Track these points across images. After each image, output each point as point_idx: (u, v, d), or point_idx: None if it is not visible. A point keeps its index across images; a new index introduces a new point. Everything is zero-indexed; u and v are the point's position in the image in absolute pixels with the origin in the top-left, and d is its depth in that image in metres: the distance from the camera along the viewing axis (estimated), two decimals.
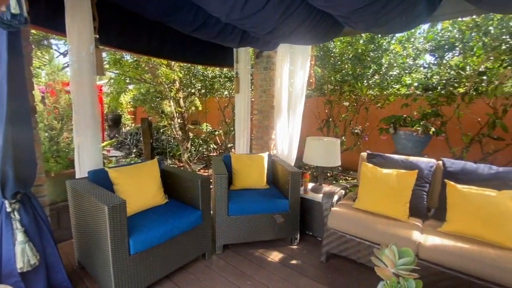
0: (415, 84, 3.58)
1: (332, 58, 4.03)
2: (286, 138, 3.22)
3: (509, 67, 2.91)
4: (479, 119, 3.25)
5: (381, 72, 3.68)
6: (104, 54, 4.85)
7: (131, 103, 7.84)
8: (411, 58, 3.57)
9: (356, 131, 4.29)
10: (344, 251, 2.06)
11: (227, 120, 5.92)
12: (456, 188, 1.86)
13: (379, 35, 3.48)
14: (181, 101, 5.20)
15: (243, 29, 2.33)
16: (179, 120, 5.32)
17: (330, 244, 2.13)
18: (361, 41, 3.66)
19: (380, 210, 2.05)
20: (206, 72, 5.43)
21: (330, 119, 4.42)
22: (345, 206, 2.21)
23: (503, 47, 2.80)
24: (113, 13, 2.21)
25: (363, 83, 3.80)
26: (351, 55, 3.77)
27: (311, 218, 2.64)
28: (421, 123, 3.28)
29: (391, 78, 3.68)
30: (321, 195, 2.46)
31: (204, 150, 6.11)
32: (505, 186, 1.78)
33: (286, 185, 2.40)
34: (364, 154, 2.49)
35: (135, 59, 4.73)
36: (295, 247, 2.45)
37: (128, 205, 1.82)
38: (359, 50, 3.72)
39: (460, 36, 3.08)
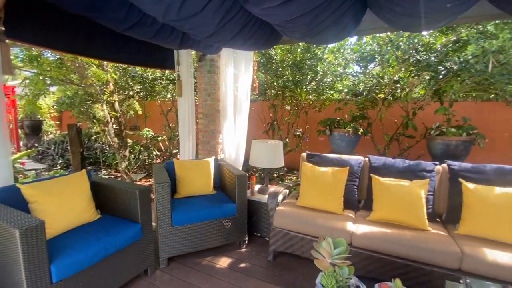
0: (345, 90, 4.01)
1: (274, 64, 4.22)
2: (233, 142, 3.23)
3: (416, 77, 3.49)
4: (396, 120, 3.81)
5: (317, 79, 4.00)
6: (16, 50, 4.12)
7: (54, 107, 6.82)
8: (342, 67, 3.98)
9: (297, 133, 4.57)
10: (289, 248, 2.16)
11: (171, 124, 5.64)
12: (379, 181, 2.13)
13: (314, 45, 3.79)
14: (117, 104, 4.74)
15: (182, 31, 2.26)
16: (114, 125, 4.83)
17: (276, 242, 2.21)
18: (299, 50, 3.93)
19: (319, 206, 2.21)
20: (145, 74, 5.09)
21: (275, 122, 4.61)
22: (289, 204, 2.32)
23: (411, 60, 3.35)
24: (29, 3, 1.89)
25: (302, 88, 4.08)
26: (290, 62, 4.01)
27: (258, 219, 2.69)
28: (352, 125, 3.69)
29: (326, 84, 4.03)
30: (267, 196, 2.53)
31: (146, 157, 5.69)
32: (415, 177, 2.12)
33: (233, 189, 2.40)
34: (304, 154, 2.67)
35: (58, 57, 4.13)
36: (243, 250, 2.46)
37: (49, 225, 1.57)
38: (298, 58, 3.98)
39: (379, 49, 3.57)
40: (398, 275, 1.76)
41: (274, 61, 4.20)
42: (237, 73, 3.18)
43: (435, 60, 3.20)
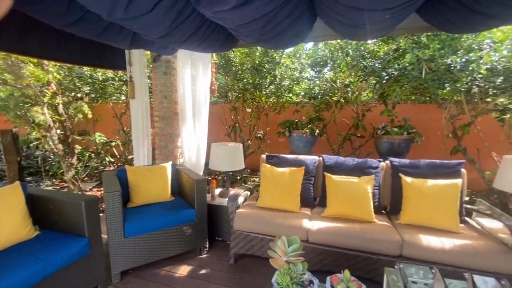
0: (302, 93, 4.20)
1: (233, 67, 4.23)
2: (193, 145, 3.15)
3: (364, 81, 3.80)
4: (348, 121, 4.10)
5: (275, 82, 4.12)
6: None
7: None
8: (298, 71, 4.16)
9: (259, 135, 4.64)
10: (250, 250, 2.18)
11: (125, 128, 5.29)
12: (331, 178, 2.27)
13: (271, 49, 3.89)
14: (61, 107, 4.30)
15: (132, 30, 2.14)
16: (58, 130, 4.38)
17: (237, 245, 2.21)
18: (257, 53, 4.00)
19: (278, 205, 2.28)
20: (95, 74, 4.70)
21: (236, 125, 4.63)
22: (249, 206, 2.34)
23: (359, 65, 3.63)
24: None
25: (262, 91, 4.16)
26: (249, 65, 4.06)
27: (220, 224, 2.66)
28: (309, 126, 3.87)
29: (284, 88, 4.17)
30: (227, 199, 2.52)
31: (98, 164, 5.26)
32: (363, 173, 2.30)
33: (192, 194, 2.34)
34: (263, 156, 2.72)
35: None
36: (204, 256, 2.41)
37: None
38: (256, 62, 4.05)
39: (331, 55, 3.80)
40: (350, 266, 1.89)
41: (233, 63, 4.21)
42: (195, 75, 3.12)
43: (379, 66, 3.52)
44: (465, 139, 3.55)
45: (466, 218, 2.13)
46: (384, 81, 3.59)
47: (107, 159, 5.42)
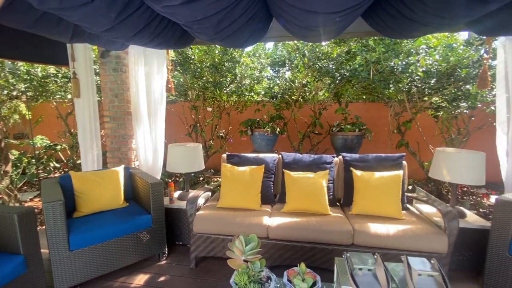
0: (263, 92, 4.25)
1: (192, 65, 4.11)
2: (150, 147, 2.99)
3: (320, 81, 3.99)
4: (306, 120, 4.27)
5: (236, 81, 4.10)
6: None
7: None
8: (258, 70, 4.20)
9: (221, 134, 4.59)
10: (211, 252, 2.14)
11: (72, 130, 4.81)
12: (290, 175, 2.34)
13: (230, 48, 3.87)
14: None
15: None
16: None
17: (198, 248, 2.16)
18: (216, 52, 3.94)
19: (239, 205, 2.28)
20: (34, 70, 4.17)
21: (197, 124, 4.51)
22: (210, 207, 2.30)
23: (315, 66, 3.80)
24: None
25: (222, 90, 4.12)
26: (209, 63, 3.98)
27: (180, 227, 2.57)
28: (270, 125, 3.94)
29: (245, 87, 4.18)
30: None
31: (40, 171, 4.70)
32: (319, 169, 2.42)
33: (147, 199, 2.22)
34: (224, 155, 2.69)
35: None
36: (163, 262, 2.30)
37: None
38: (216, 60, 3.99)
39: (288, 56, 3.91)
40: (308, 258, 1.98)
41: (192, 61, 4.09)
42: (150, 72, 2.96)
43: (333, 67, 3.73)
44: (408, 134, 3.94)
45: (408, 205, 2.37)
46: (338, 81, 3.82)
47: (51, 164, 4.86)
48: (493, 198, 3.67)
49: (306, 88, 4.11)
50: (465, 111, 3.55)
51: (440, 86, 3.48)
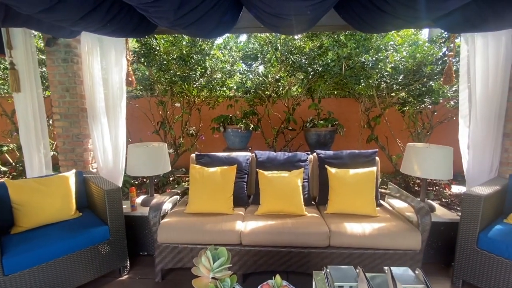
0: (235, 87, 4.07)
1: (157, 57, 3.79)
2: (109, 147, 2.68)
3: (293, 76, 3.90)
4: (280, 116, 4.19)
5: (206, 75, 3.87)
6: None
7: None
8: (229, 64, 4.00)
9: (191, 132, 4.34)
10: (179, 262, 1.95)
11: None
12: (264, 175, 2.22)
13: (199, 39, 3.62)
14: None
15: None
16: None
17: (164, 260, 1.96)
18: (184, 43, 3.67)
19: (209, 209, 2.11)
20: None
21: (166, 121, 4.21)
22: (177, 213, 2.10)
23: (288, 61, 3.70)
24: None
25: (192, 84, 3.86)
26: (176, 55, 3.70)
27: (144, 236, 2.33)
28: (243, 121, 3.79)
29: (216, 81, 3.96)
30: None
31: None
32: (293, 167, 2.32)
33: (103, 207, 1.95)
34: (193, 155, 2.49)
35: None
36: (125, 277, 2.07)
37: None
38: (184, 52, 3.72)
39: (261, 49, 3.76)
40: (284, 263, 1.87)
41: (157, 53, 3.77)
42: (107, 64, 2.64)
43: (306, 62, 3.65)
44: (377, 128, 4.03)
45: (381, 201, 2.37)
46: (311, 77, 3.76)
47: None
48: (454, 188, 3.90)
49: (280, 83, 4.01)
50: (428, 106, 3.70)
51: (407, 82, 3.57)
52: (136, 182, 4.19)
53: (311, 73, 3.71)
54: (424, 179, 2.33)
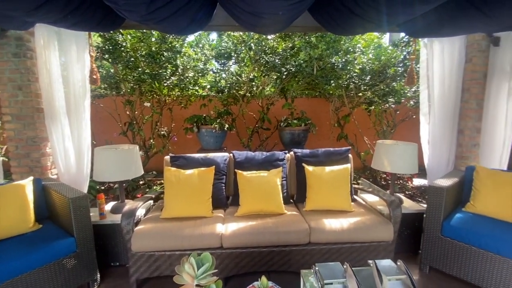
0: (208, 86, 3.98)
1: (124, 53, 3.56)
2: (71, 151, 2.44)
3: (266, 76, 3.92)
4: (254, 115, 4.19)
5: (177, 73, 3.73)
6: None
7: None
8: (202, 62, 3.90)
9: (162, 132, 4.15)
10: (156, 271, 1.85)
11: None
12: (243, 175, 2.19)
13: (170, 36, 3.48)
14: None
15: None
16: None
17: (139, 269, 1.84)
18: (153, 39, 3.49)
19: (187, 213, 2.03)
20: None
21: (134, 122, 3.97)
22: (152, 219, 1.99)
23: (262, 61, 3.70)
24: None
25: (162, 83, 3.69)
26: (144, 52, 3.51)
27: (116, 246, 2.17)
28: (218, 121, 3.72)
29: (188, 79, 3.83)
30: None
31: None
32: (272, 166, 2.33)
33: (68, 217, 1.77)
34: (167, 157, 2.38)
35: None
36: None
37: None
38: (153, 48, 3.54)
39: (234, 48, 3.72)
40: (266, 263, 1.87)
41: (124, 49, 3.54)
42: (67, 60, 2.41)
43: (279, 62, 3.69)
44: (346, 127, 4.22)
45: (354, 196, 2.48)
46: (284, 77, 3.81)
47: None
48: (415, 181, 4.23)
49: (253, 83, 4.00)
50: (392, 105, 3.97)
51: (373, 83, 3.79)
52: (102, 188, 3.90)
53: (285, 73, 3.76)
54: (392, 173, 2.49)
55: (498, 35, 2.40)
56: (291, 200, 2.44)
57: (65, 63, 2.41)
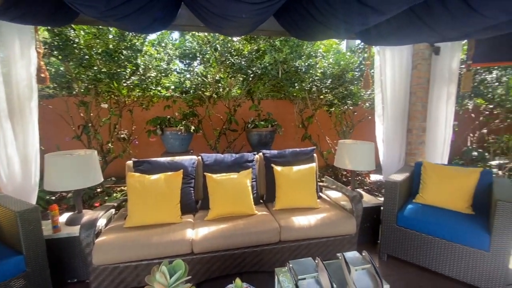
0: (172, 87, 3.84)
1: (76, 50, 3.26)
2: (15, 159, 2.17)
3: (233, 78, 3.92)
4: (221, 117, 4.15)
5: (138, 73, 3.53)
6: None
7: None
8: (165, 62, 3.75)
9: (122, 136, 3.90)
10: (121, 284, 1.73)
11: None
12: (212, 178, 2.16)
13: (129, 33, 3.28)
14: None
15: None
16: None
17: (102, 284, 1.70)
18: (110, 36, 3.26)
19: (154, 220, 1.93)
20: None
21: (90, 125, 3.66)
22: (115, 229, 1.86)
23: (227, 62, 3.70)
24: None
25: (121, 83, 3.47)
26: (100, 50, 3.26)
27: (73, 260, 1.97)
28: (183, 122, 3.61)
29: (150, 79, 3.66)
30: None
31: None
32: (241, 168, 2.34)
33: (15, 233, 1.57)
34: (130, 162, 2.24)
35: None
36: None
37: None
38: (111, 46, 3.30)
39: (199, 49, 3.66)
40: (238, 265, 1.87)
41: (76, 45, 3.24)
42: (9, 56, 2.14)
43: (245, 64, 3.72)
44: (310, 128, 4.42)
45: (320, 193, 2.61)
46: (250, 79, 3.85)
47: None
48: (372, 177, 4.59)
49: (220, 84, 3.97)
50: (350, 107, 4.27)
51: (333, 86, 4.03)
52: (53, 198, 3.52)
53: (251, 75, 3.81)
54: (353, 170, 2.67)
55: (439, 45, 2.73)
56: (261, 201, 2.47)
57: (6, 59, 2.14)
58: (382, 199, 2.28)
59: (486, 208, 2.04)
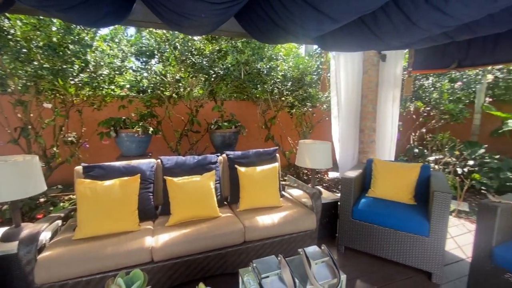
0: (128, 86, 3.60)
1: (11, 42, 2.86)
2: None
3: (194, 78, 3.82)
4: (183, 118, 4.02)
5: (88, 70, 3.24)
6: None
7: None
8: (119, 59, 3.50)
9: (70, 139, 3.53)
10: None
11: None
12: (173, 181, 2.08)
13: (76, 26, 2.99)
14: None
15: None
16: None
17: None
18: (53, 28, 2.93)
19: (108, 230, 1.79)
20: None
21: (29, 127, 3.23)
22: (62, 243, 1.67)
23: (188, 61, 3.59)
24: None
25: (68, 80, 3.14)
26: (42, 43, 2.91)
27: (11, 281, 1.72)
28: (140, 124, 3.41)
29: (102, 78, 3.38)
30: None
31: None
32: (204, 170, 2.29)
33: None
34: (79, 168, 2.04)
35: None
36: None
37: None
38: (54, 39, 2.97)
39: (157, 46, 3.50)
40: (202, 269, 1.83)
41: (12, 37, 2.85)
42: None
43: (207, 64, 3.66)
44: (273, 128, 4.52)
45: (282, 192, 2.69)
46: (212, 79, 3.80)
47: None
48: (330, 174, 4.87)
49: (180, 84, 3.84)
50: (309, 109, 4.48)
51: (294, 89, 4.18)
52: None
53: (213, 76, 3.76)
54: (312, 169, 2.80)
55: (385, 53, 3.01)
56: (225, 202, 2.45)
57: None
58: (339, 194, 2.43)
59: (426, 198, 2.31)
